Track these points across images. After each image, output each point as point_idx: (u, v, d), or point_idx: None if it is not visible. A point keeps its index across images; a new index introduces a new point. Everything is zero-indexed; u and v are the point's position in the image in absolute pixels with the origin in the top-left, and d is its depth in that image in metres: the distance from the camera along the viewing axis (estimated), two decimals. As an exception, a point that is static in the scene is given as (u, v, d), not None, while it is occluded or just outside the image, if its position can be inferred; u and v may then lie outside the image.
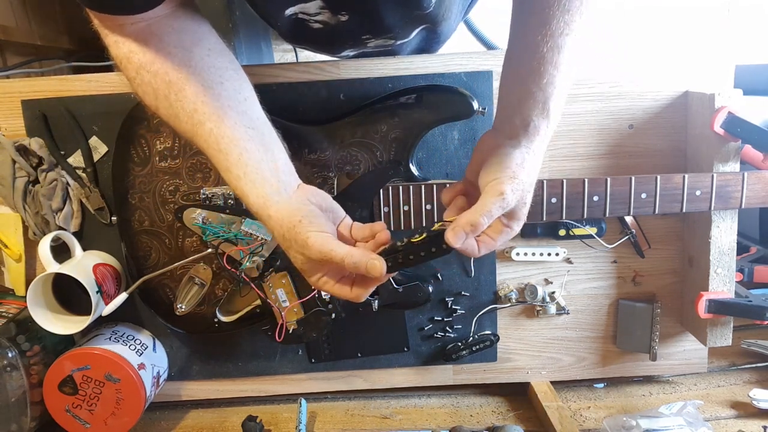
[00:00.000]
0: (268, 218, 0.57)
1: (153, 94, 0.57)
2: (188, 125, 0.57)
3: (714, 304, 0.82)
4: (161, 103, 0.57)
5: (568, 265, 0.91)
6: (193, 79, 0.56)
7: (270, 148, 0.59)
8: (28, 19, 1.24)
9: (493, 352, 0.94)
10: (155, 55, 0.55)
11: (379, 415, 0.93)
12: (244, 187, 0.57)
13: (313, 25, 0.70)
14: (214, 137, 0.56)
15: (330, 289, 0.58)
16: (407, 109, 0.77)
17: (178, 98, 0.56)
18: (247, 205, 0.58)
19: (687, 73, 0.85)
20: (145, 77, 0.56)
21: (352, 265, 0.54)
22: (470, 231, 0.55)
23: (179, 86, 0.56)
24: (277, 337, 0.82)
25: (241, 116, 0.57)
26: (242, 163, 0.56)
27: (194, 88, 0.56)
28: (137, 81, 0.57)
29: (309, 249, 0.55)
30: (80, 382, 0.82)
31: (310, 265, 0.57)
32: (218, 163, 0.57)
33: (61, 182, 0.84)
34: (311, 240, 0.55)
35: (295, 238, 0.55)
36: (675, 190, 0.78)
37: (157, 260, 0.84)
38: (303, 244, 0.55)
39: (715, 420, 0.86)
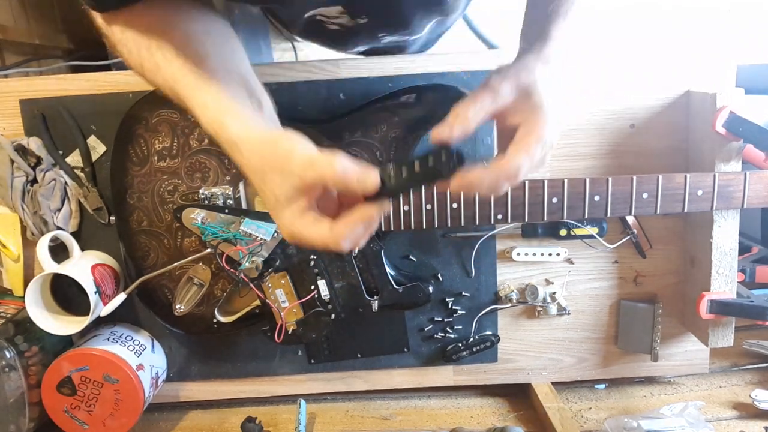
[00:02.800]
0: (246, 141, 0.50)
1: (136, 51, 0.54)
2: (168, 71, 0.52)
3: (716, 304, 0.82)
4: (144, 55, 0.53)
5: (569, 265, 0.91)
6: (177, 27, 0.54)
7: (254, 91, 0.55)
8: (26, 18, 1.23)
9: (494, 352, 0.93)
10: (140, 12, 0.53)
11: (378, 416, 0.93)
12: (224, 118, 0.51)
13: (330, 27, 0.70)
14: (194, 75, 0.51)
15: (305, 228, 0.48)
16: (407, 109, 0.77)
17: (159, 46, 0.52)
18: (225, 136, 0.51)
19: (688, 72, 0.85)
20: (129, 35, 0.53)
21: (340, 168, 0.45)
22: (456, 120, 0.48)
23: (162, 34, 0.53)
24: (276, 338, 0.82)
25: (225, 62, 0.54)
26: (223, 96, 0.51)
27: (178, 36, 0.53)
28: (122, 41, 0.54)
29: (292, 158, 0.47)
30: (79, 383, 0.82)
31: (288, 189, 0.47)
32: (194, 99, 0.52)
33: (59, 182, 0.83)
34: (297, 149, 0.47)
35: (275, 151, 0.48)
36: (676, 190, 0.77)
37: (156, 260, 0.83)
38: (285, 155, 0.47)
39: (716, 421, 0.86)
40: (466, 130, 0.49)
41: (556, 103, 0.53)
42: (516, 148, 0.50)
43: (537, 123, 0.51)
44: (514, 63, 0.55)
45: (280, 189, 0.48)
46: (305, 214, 0.48)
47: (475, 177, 0.48)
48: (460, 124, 0.48)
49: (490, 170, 0.49)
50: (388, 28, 0.72)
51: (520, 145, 0.51)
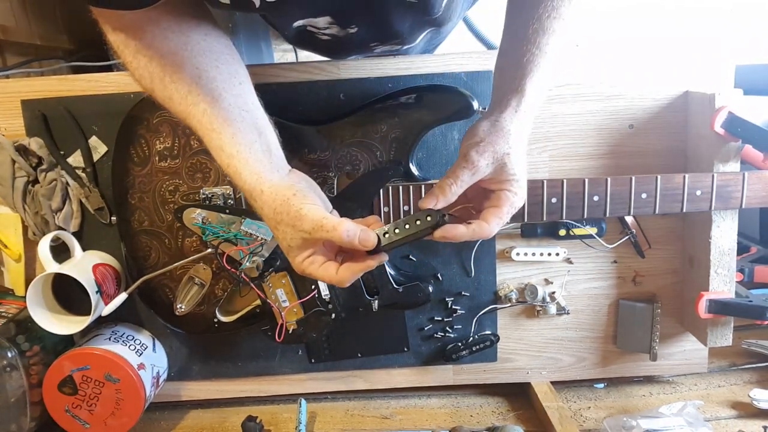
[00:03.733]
0: (260, 194, 0.57)
1: (149, 78, 0.57)
2: (182, 106, 0.57)
3: (714, 304, 0.82)
4: (156, 86, 0.57)
5: (569, 265, 0.91)
6: (188, 62, 0.56)
7: (263, 131, 0.59)
8: (27, 18, 1.23)
9: (494, 352, 0.93)
10: (152, 39, 0.56)
11: (379, 416, 0.93)
12: (237, 165, 0.57)
13: (321, 37, 0.71)
14: (207, 117, 0.57)
15: (315, 270, 0.57)
16: (407, 109, 0.77)
17: (173, 80, 0.57)
18: (240, 183, 0.58)
19: (687, 72, 0.85)
20: (141, 61, 0.57)
21: (345, 233, 0.53)
22: (440, 194, 0.58)
23: (174, 69, 0.56)
24: (276, 337, 0.82)
25: (236, 99, 0.58)
26: (236, 142, 0.57)
27: (190, 71, 0.56)
28: (134, 65, 0.57)
29: (302, 219, 0.54)
30: (80, 382, 0.82)
31: (299, 241, 0.56)
32: (211, 142, 0.58)
33: (60, 182, 0.83)
34: (305, 209, 0.55)
35: (287, 210, 0.55)
36: (675, 190, 0.77)
37: (157, 260, 0.84)
38: (296, 215, 0.55)
39: (715, 420, 0.86)
40: (448, 202, 0.59)
41: (524, 168, 0.61)
42: (490, 217, 0.60)
43: (510, 195, 0.60)
44: (492, 128, 0.60)
45: (292, 239, 0.56)
46: (315, 259, 0.57)
47: (456, 234, 0.58)
48: (443, 197, 0.59)
49: (468, 230, 0.58)
50: (379, 38, 0.73)
51: (495, 213, 0.60)
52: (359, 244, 0.54)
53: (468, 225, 0.59)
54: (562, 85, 0.85)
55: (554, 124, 0.86)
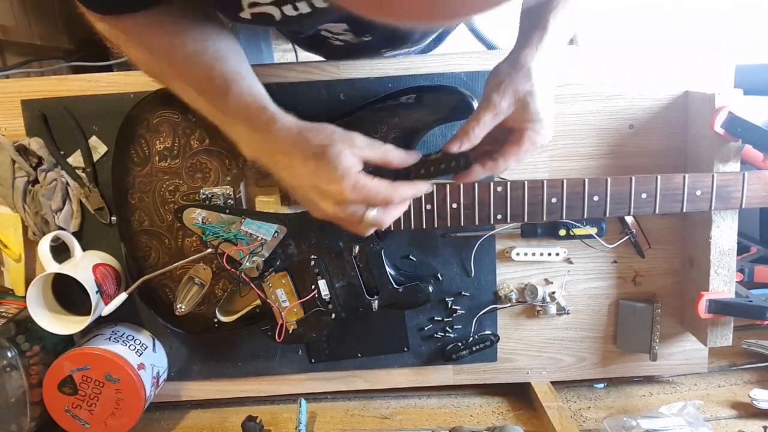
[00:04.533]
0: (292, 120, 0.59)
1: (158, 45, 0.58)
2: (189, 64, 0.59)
3: (714, 304, 0.82)
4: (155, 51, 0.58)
5: (569, 265, 0.91)
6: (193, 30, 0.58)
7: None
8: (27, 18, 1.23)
9: (493, 352, 0.93)
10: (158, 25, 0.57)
11: (379, 416, 0.93)
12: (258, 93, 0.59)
13: (335, 42, 0.71)
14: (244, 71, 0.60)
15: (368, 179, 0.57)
16: (407, 109, 0.77)
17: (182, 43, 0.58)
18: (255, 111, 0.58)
19: (687, 72, 0.85)
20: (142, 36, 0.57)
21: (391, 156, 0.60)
22: (464, 137, 0.61)
23: (182, 37, 0.58)
24: (276, 337, 0.82)
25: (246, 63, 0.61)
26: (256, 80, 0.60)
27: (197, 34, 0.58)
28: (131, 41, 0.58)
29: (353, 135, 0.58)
30: (80, 382, 0.82)
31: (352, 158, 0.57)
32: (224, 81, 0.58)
33: (60, 182, 0.83)
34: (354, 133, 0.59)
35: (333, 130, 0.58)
36: (675, 190, 0.77)
37: (157, 260, 0.84)
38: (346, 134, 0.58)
39: (715, 420, 0.86)
40: (472, 144, 0.62)
41: (549, 107, 0.61)
42: (508, 154, 0.62)
43: (531, 134, 0.61)
44: (512, 67, 0.60)
45: (345, 158, 0.56)
46: (366, 174, 0.58)
47: (472, 177, 0.64)
48: (467, 140, 0.62)
49: (485, 168, 0.63)
50: (391, 45, 0.73)
51: (513, 151, 0.62)
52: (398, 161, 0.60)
53: (484, 164, 0.63)
54: (562, 85, 0.85)
55: (554, 124, 0.86)
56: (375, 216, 0.58)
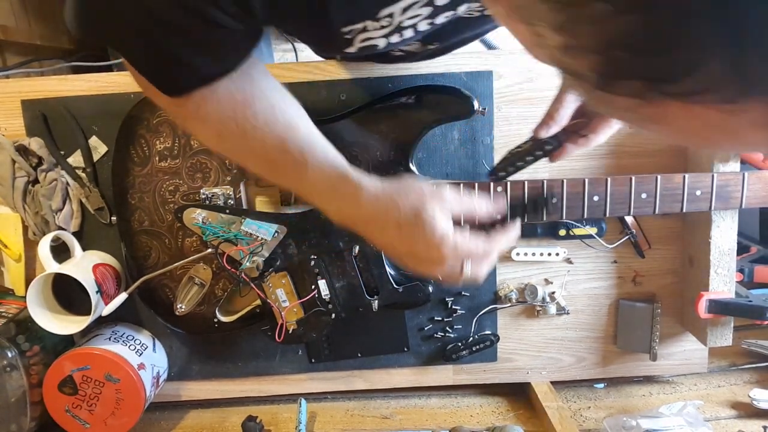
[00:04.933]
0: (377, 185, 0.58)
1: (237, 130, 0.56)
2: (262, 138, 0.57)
3: (714, 304, 0.82)
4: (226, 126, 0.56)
5: (569, 265, 0.91)
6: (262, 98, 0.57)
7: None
8: (27, 19, 1.24)
9: (493, 352, 0.93)
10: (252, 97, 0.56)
11: (379, 416, 0.93)
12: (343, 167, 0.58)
13: (396, 53, 0.70)
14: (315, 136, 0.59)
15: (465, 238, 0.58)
16: (407, 109, 0.77)
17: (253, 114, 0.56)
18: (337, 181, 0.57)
19: (687, 73, 0.85)
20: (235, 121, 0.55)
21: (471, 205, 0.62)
22: (550, 121, 0.63)
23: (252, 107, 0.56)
24: (276, 337, 0.82)
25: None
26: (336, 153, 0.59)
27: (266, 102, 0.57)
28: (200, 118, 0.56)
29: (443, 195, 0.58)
30: (80, 382, 0.82)
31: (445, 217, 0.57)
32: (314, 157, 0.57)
33: (60, 182, 0.83)
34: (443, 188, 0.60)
35: (425, 191, 0.57)
36: (675, 190, 0.77)
37: (157, 260, 0.84)
38: (436, 192, 0.58)
39: (715, 420, 0.86)
40: (560, 126, 0.65)
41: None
42: (600, 129, 0.65)
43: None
44: None
45: (439, 219, 0.56)
46: (462, 232, 0.58)
47: (567, 153, 0.67)
48: (554, 124, 0.64)
49: (579, 144, 0.66)
50: (450, 48, 0.73)
51: (603, 124, 0.65)
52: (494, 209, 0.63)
53: (575, 141, 0.66)
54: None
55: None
56: (473, 270, 0.59)
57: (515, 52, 0.84)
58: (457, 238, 0.57)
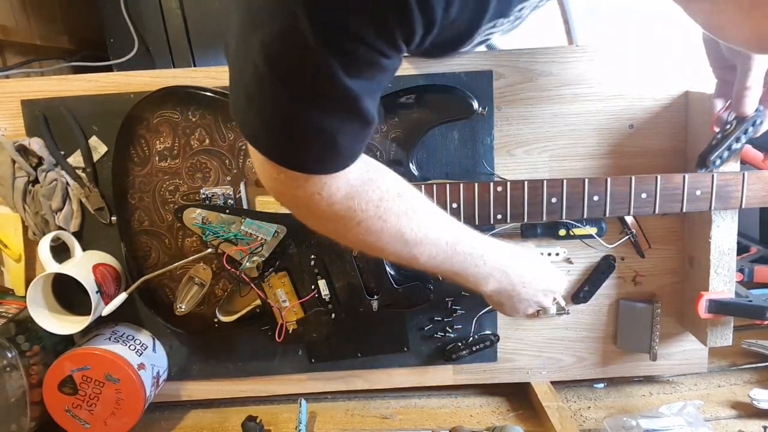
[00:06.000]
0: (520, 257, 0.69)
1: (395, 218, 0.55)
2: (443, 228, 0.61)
3: (714, 304, 0.82)
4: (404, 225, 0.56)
5: (569, 265, 0.91)
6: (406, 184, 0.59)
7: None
8: (27, 18, 1.23)
9: (493, 352, 0.93)
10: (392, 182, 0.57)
11: (379, 415, 0.93)
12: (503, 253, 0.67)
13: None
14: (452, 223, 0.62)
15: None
16: (407, 109, 0.77)
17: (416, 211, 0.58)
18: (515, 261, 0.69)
19: (687, 72, 0.85)
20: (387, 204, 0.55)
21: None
22: (746, 94, 0.66)
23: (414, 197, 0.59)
24: (276, 337, 0.82)
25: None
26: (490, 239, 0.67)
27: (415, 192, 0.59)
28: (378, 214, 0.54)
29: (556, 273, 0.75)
30: (80, 382, 0.82)
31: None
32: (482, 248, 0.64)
33: (60, 182, 0.84)
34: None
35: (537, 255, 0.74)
36: (675, 190, 0.77)
37: (157, 260, 0.84)
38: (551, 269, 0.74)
39: (715, 420, 0.86)
40: (758, 95, 0.67)
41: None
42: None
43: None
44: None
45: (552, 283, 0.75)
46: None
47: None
48: (753, 94, 0.66)
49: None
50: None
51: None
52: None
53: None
54: (562, 85, 0.85)
55: (554, 124, 0.86)
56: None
57: (515, 52, 0.84)
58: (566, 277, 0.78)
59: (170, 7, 1.08)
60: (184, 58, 1.10)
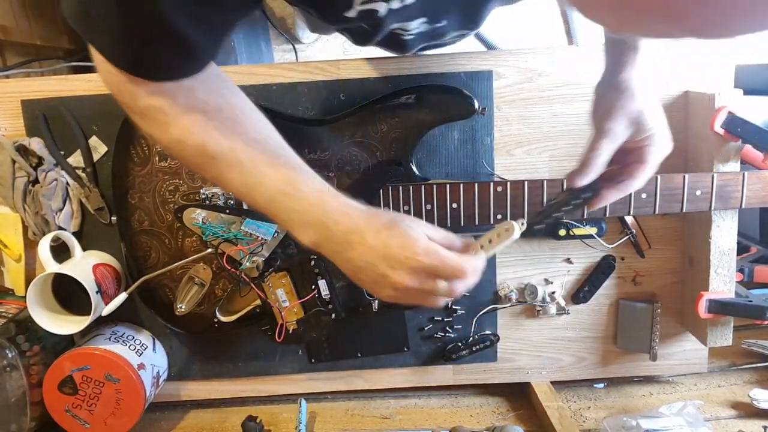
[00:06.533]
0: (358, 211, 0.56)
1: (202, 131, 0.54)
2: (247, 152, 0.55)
3: (714, 304, 0.82)
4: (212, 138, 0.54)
5: (569, 265, 0.91)
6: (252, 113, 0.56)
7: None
8: (27, 19, 1.23)
9: (493, 352, 0.93)
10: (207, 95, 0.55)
11: (379, 416, 0.93)
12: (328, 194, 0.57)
13: (406, 37, 0.70)
14: (283, 158, 0.56)
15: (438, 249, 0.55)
16: (407, 109, 0.77)
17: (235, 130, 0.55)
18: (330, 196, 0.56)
19: (687, 73, 0.85)
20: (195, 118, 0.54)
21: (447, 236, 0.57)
22: (585, 169, 0.61)
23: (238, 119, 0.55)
24: (276, 337, 0.82)
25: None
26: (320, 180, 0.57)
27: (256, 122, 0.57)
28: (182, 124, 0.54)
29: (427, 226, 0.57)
30: (80, 382, 0.82)
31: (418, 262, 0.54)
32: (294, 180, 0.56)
33: (60, 182, 0.84)
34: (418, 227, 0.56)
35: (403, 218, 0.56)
36: (675, 190, 0.78)
37: (157, 260, 0.84)
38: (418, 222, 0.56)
39: (715, 420, 0.86)
40: (596, 174, 0.62)
41: (660, 118, 0.62)
42: (638, 174, 0.62)
43: (653, 149, 0.62)
44: (616, 91, 0.61)
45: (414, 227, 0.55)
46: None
47: (608, 199, 0.64)
48: (590, 171, 0.62)
49: (618, 190, 0.63)
50: (463, 26, 0.73)
51: (641, 168, 0.62)
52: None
53: (616, 186, 0.63)
54: (562, 85, 0.85)
55: (554, 124, 0.86)
56: (447, 285, 0.56)
57: (515, 52, 0.84)
58: (431, 242, 0.55)
59: (170, 7, 1.07)
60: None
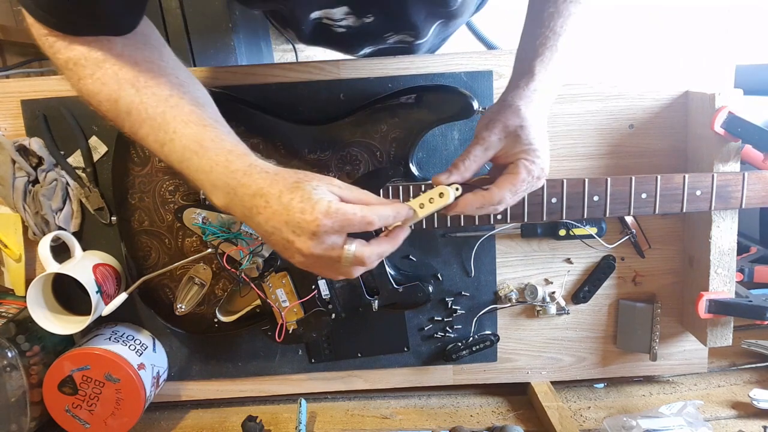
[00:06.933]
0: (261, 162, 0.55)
1: (115, 86, 0.55)
2: (160, 108, 0.55)
3: (714, 304, 0.82)
4: (125, 93, 0.55)
5: (569, 265, 0.91)
6: (166, 70, 0.57)
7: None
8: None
9: (493, 352, 0.93)
10: (122, 48, 0.55)
11: (379, 416, 0.93)
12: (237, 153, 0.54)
13: (337, 30, 0.71)
14: (196, 115, 0.55)
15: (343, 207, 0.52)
16: (407, 109, 0.77)
17: (149, 84, 0.55)
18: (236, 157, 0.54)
19: (687, 72, 0.85)
20: (108, 70, 0.55)
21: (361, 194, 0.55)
22: (453, 169, 0.62)
23: (152, 74, 0.55)
24: (276, 337, 0.82)
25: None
26: (233, 136, 0.57)
27: (169, 78, 0.57)
28: (96, 76, 0.55)
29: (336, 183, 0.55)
30: (80, 382, 0.82)
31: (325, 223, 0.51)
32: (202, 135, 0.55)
33: (60, 182, 0.84)
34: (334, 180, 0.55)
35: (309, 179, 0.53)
36: (675, 190, 0.78)
37: (157, 260, 0.84)
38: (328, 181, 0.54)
39: (715, 420, 0.86)
40: (462, 177, 0.62)
41: (543, 140, 0.62)
42: (503, 183, 0.62)
43: (526, 163, 0.62)
44: (501, 106, 0.63)
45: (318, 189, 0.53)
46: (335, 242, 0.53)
47: (466, 205, 0.62)
48: (456, 172, 0.62)
49: (476, 197, 0.62)
50: (394, 27, 0.73)
51: (508, 180, 0.62)
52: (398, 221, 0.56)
53: (476, 194, 0.62)
54: (562, 85, 0.85)
55: (554, 124, 0.86)
56: (356, 250, 0.53)
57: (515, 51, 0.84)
58: (333, 202, 0.51)
59: (170, 6, 1.08)
60: (183, 57, 1.09)
